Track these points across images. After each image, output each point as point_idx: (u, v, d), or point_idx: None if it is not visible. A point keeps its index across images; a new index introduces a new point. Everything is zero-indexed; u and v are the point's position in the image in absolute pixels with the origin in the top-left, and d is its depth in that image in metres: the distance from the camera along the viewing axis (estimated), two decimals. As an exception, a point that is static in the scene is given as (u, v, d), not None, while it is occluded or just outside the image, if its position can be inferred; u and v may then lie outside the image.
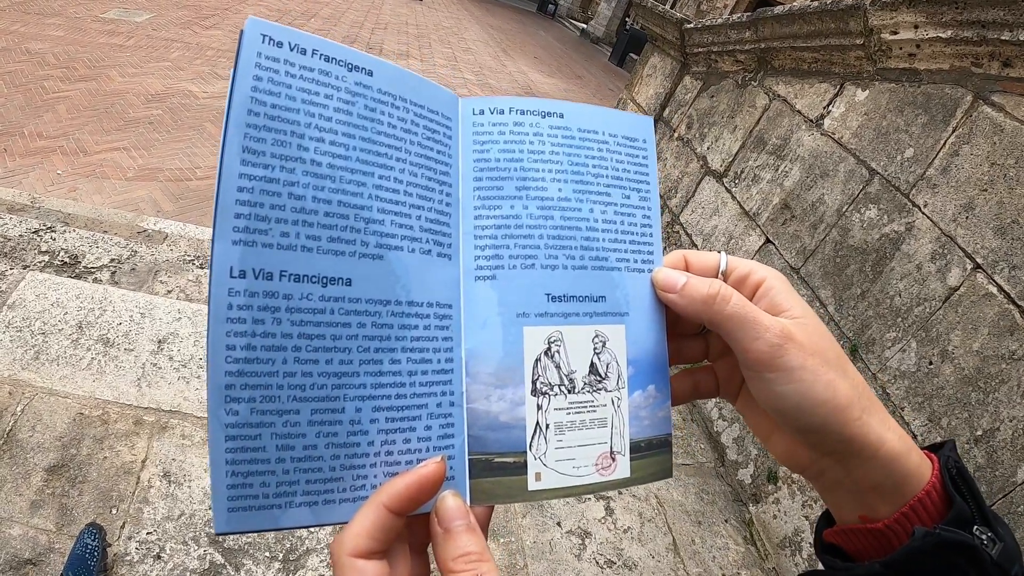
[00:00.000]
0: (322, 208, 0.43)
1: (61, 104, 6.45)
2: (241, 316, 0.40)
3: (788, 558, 2.95)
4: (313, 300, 0.43)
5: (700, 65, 4.61)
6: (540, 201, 0.54)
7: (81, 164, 5.46)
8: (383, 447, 0.46)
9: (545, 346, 0.53)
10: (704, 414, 3.80)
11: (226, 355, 0.40)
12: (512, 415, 0.52)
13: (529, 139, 0.55)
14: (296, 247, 0.42)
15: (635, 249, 0.58)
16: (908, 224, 2.71)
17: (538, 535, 2.86)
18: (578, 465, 0.54)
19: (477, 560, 0.43)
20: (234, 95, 0.41)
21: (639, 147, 0.60)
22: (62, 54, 7.66)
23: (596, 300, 0.56)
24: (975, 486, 0.50)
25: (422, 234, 0.49)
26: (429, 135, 0.51)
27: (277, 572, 2.35)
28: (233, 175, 0.40)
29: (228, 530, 0.41)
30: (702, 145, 4.39)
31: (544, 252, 0.54)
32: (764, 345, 0.49)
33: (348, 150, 0.45)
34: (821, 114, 3.36)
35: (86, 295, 3.17)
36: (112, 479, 2.46)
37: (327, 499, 0.44)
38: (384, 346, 0.46)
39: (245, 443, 0.41)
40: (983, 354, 2.29)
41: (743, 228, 3.77)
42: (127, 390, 2.80)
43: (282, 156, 0.42)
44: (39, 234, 3.50)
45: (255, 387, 0.41)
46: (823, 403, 0.49)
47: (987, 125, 2.46)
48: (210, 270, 0.40)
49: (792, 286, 0.55)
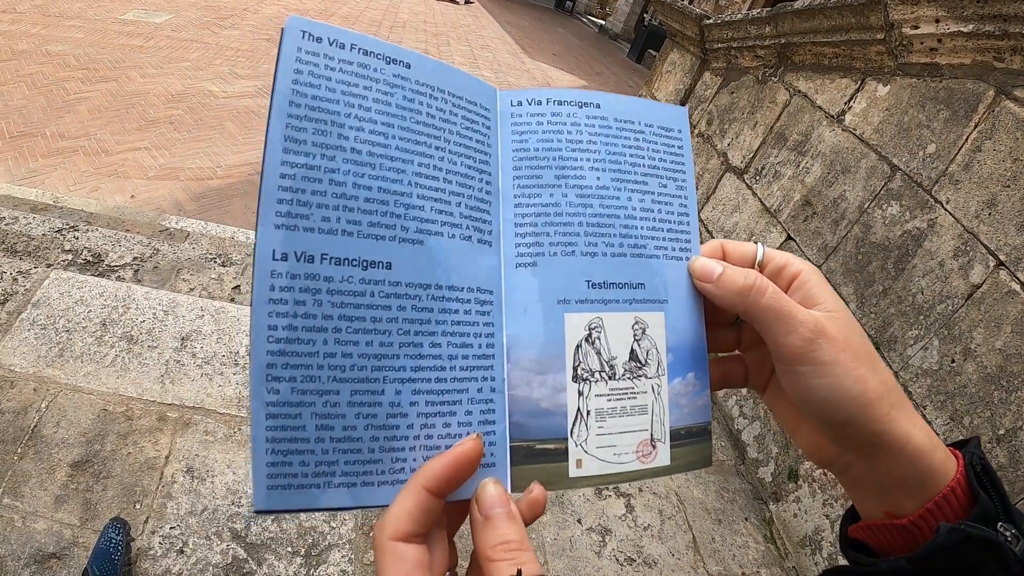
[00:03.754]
0: (362, 194, 0.45)
1: (82, 105, 6.52)
2: (283, 297, 0.42)
3: (808, 557, 2.94)
4: (353, 283, 0.44)
5: (720, 61, 4.59)
6: (579, 189, 0.55)
7: (103, 164, 5.52)
8: (422, 431, 0.46)
9: (586, 332, 0.53)
10: (725, 411, 3.79)
11: (268, 335, 0.41)
12: (553, 401, 0.52)
13: (567, 129, 0.56)
14: (337, 231, 0.44)
15: (672, 237, 0.58)
16: (930, 221, 2.69)
17: (559, 532, 2.86)
18: (619, 452, 0.54)
19: (516, 549, 0.43)
20: (276, 88, 0.43)
21: (674, 137, 0.61)
22: (83, 55, 7.74)
23: (635, 287, 0.56)
24: (1000, 483, 0.50)
25: (462, 220, 0.50)
26: (468, 124, 0.52)
27: (299, 567, 2.36)
28: (276, 163, 0.42)
29: (267, 508, 0.42)
30: (722, 141, 4.38)
31: (584, 239, 0.54)
32: (797, 339, 0.50)
33: (388, 139, 0.46)
34: (842, 109, 3.34)
35: (109, 293, 3.21)
36: (136, 474, 2.49)
37: (366, 481, 0.44)
38: (424, 329, 0.47)
39: (285, 422, 0.42)
40: (1006, 352, 2.27)
41: (764, 225, 3.75)
42: (151, 387, 2.84)
43: (323, 144, 0.44)
44: (62, 233, 3.54)
45: (296, 367, 0.42)
46: (853, 398, 0.49)
47: (1009, 120, 2.43)
48: (254, 254, 0.41)
49: (824, 279, 0.55)
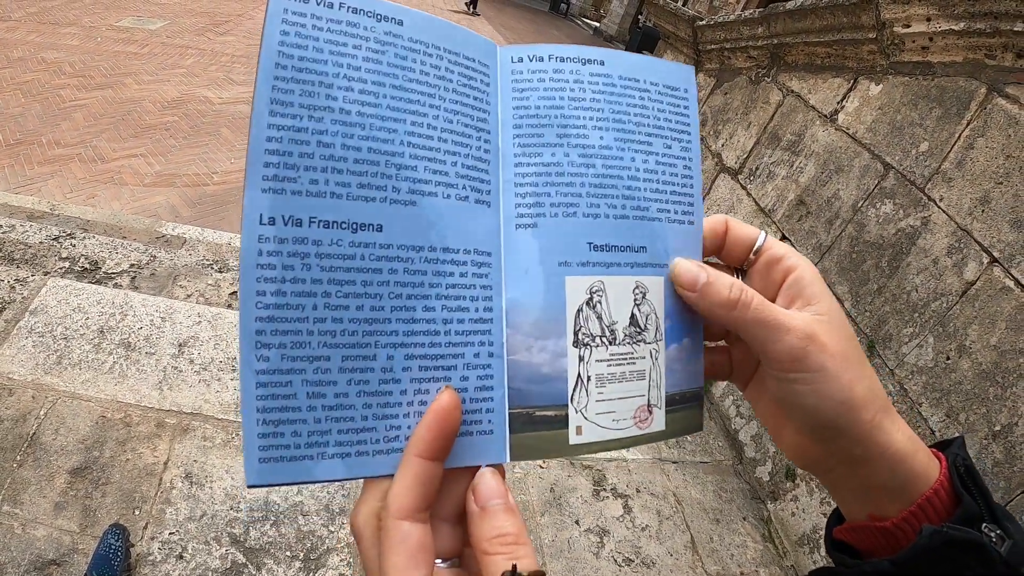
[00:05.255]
0: (351, 155, 0.44)
1: (78, 112, 6.52)
2: (271, 262, 0.41)
3: (806, 556, 2.94)
4: (343, 246, 0.43)
5: (713, 62, 4.60)
6: (582, 149, 0.53)
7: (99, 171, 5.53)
8: (416, 396, 0.45)
9: (587, 296, 0.52)
10: (722, 411, 3.79)
11: (256, 301, 0.41)
12: (554, 367, 0.51)
13: (570, 86, 0.54)
14: (325, 194, 0.43)
15: (676, 200, 0.56)
16: (924, 218, 2.70)
17: (556, 533, 2.87)
18: (617, 418, 0.53)
19: (513, 543, 0.41)
20: (263, 50, 0.42)
21: (680, 96, 0.59)
22: (78, 63, 7.74)
23: (637, 251, 0.54)
24: (983, 483, 0.49)
25: (458, 180, 0.48)
26: (465, 82, 0.50)
27: (298, 571, 2.37)
28: (262, 126, 0.41)
29: (260, 482, 0.41)
30: (716, 142, 4.38)
31: (586, 200, 0.52)
32: (786, 347, 0.49)
33: (378, 98, 0.45)
34: (835, 109, 3.35)
35: (107, 300, 3.21)
36: (135, 481, 2.49)
37: (360, 450, 0.43)
38: (417, 292, 0.45)
39: (276, 390, 0.41)
40: (1001, 348, 2.28)
41: (759, 224, 3.74)
42: (149, 393, 2.84)
43: (310, 106, 0.43)
44: (59, 241, 3.54)
45: (285, 333, 0.41)
46: (839, 404, 0.48)
47: (1002, 117, 2.44)
48: (243, 219, 0.41)
49: (820, 277, 0.54)
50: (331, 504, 2.63)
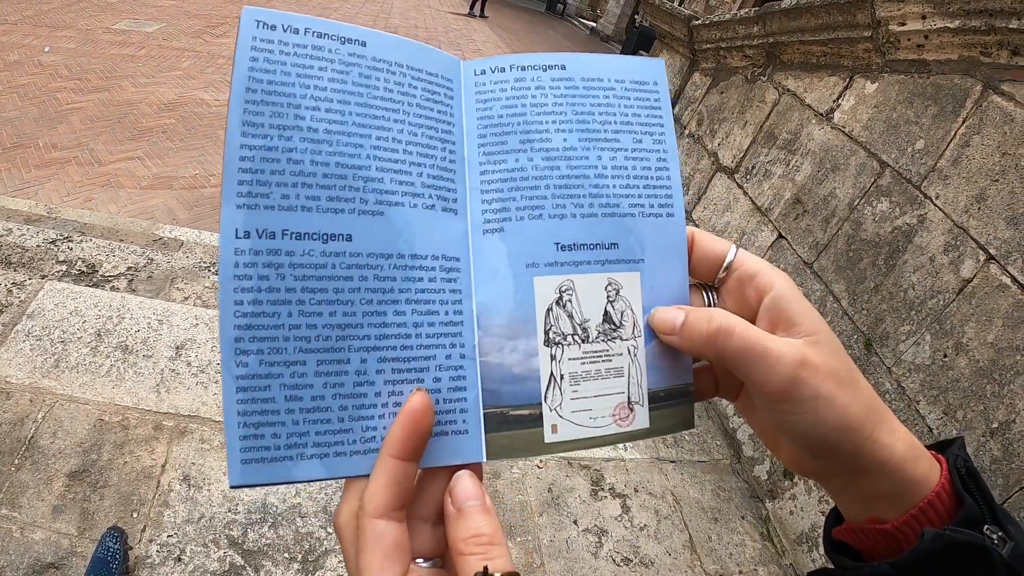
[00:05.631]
0: (320, 170, 0.46)
1: (75, 115, 6.50)
2: (247, 273, 0.43)
3: (805, 554, 2.95)
4: (314, 256, 0.45)
5: (709, 61, 4.60)
6: (545, 152, 0.54)
7: (96, 174, 5.51)
8: (390, 398, 0.47)
9: (556, 295, 0.53)
10: (720, 411, 3.79)
11: (235, 310, 0.43)
12: (525, 367, 0.52)
13: (531, 93, 0.55)
14: (296, 207, 0.45)
15: (650, 194, 0.56)
16: (920, 216, 2.70)
17: (555, 533, 2.87)
18: (595, 416, 0.54)
19: (488, 543, 0.42)
20: (234, 76, 0.45)
21: (650, 90, 0.59)
22: (74, 66, 7.72)
23: (608, 247, 0.55)
24: (985, 485, 0.49)
25: (425, 190, 0.50)
26: (429, 96, 0.52)
27: (296, 573, 2.37)
28: (235, 146, 0.44)
29: (242, 483, 0.43)
30: (712, 141, 4.39)
31: (551, 202, 0.53)
32: (777, 378, 0.47)
33: (344, 115, 0.47)
34: (831, 107, 3.35)
35: (104, 303, 3.21)
36: (132, 483, 2.49)
37: (338, 451, 0.45)
38: (387, 298, 0.47)
39: (255, 394, 0.43)
40: (998, 346, 2.28)
41: (755, 224, 3.77)
42: (146, 396, 2.84)
43: (280, 126, 0.45)
44: (56, 244, 3.54)
45: (263, 339, 0.43)
46: (836, 428, 0.47)
47: (997, 115, 2.44)
48: (220, 233, 0.43)
49: (800, 292, 0.52)
50: (329, 505, 2.63)
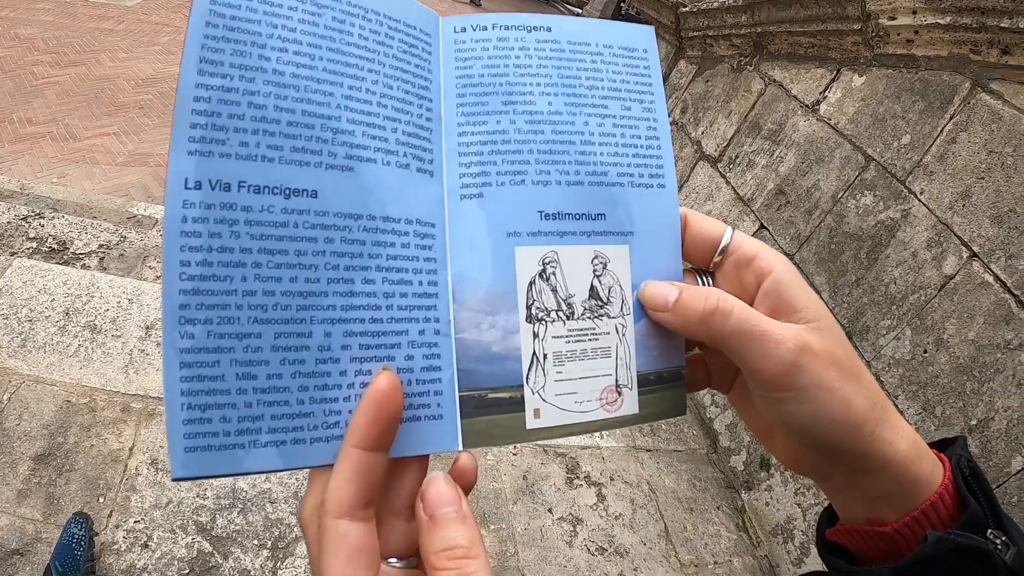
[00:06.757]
0: (285, 117, 0.41)
1: (51, 89, 6.37)
2: (196, 230, 0.38)
3: (780, 545, 2.95)
4: (275, 212, 0.40)
5: (695, 49, 4.58)
6: (528, 116, 0.50)
7: (71, 150, 5.40)
8: (357, 378, 0.42)
9: (539, 268, 0.49)
10: (696, 400, 3.79)
11: (180, 272, 0.37)
12: (505, 344, 0.48)
13: (515, 53, 0.52)
14: (256, 157, 0.40)
15: (640, 163, 0.53)
16: (904, 211, 2.69)
17: (529, 521, 2.85)
18: (580, 400, 0.49)
19: (463, 556, 0.37)
20: (193, 9, 0.40)
21: (639, 57, 0.56)
22: (52, 39, 7.56)
23: (595, 218, 0.51)
24: (989, 487, 0.47)
25: (399, 147, 0.46)
26: (406, 48, 0.48)
27: (266, 560, 2.33)
28: (190, 85, 0.39)
29: (186, 475, 0.37)
30: (696, 130, 4.37)
31: (535, 168, 0.50)
32: (776, 363, 0.43)
33: (314, 60, 0.43)
34: (817, 99, 3.33)
35: (73, 281, 3.14)
36: (99, 467, 2.44)
37: (297, 438, 0.40)
38: (356, 263, 0.42)
39: (202, 371, 0.38)
40: (978, 343, 2.28)
41: (737, 213, 3.75)
42: (114, 377, 2.78)
43: (241, 66, 0.41)
44: (27, 221, 3.46)
45: (212, 307, 0.38)
46: (837, 422, 0.44)
47: (985, 113, 2.43)
48: (166, 183, 0.38)
49: (801, 277, 0.48)
50: (300, 491, 2.59)
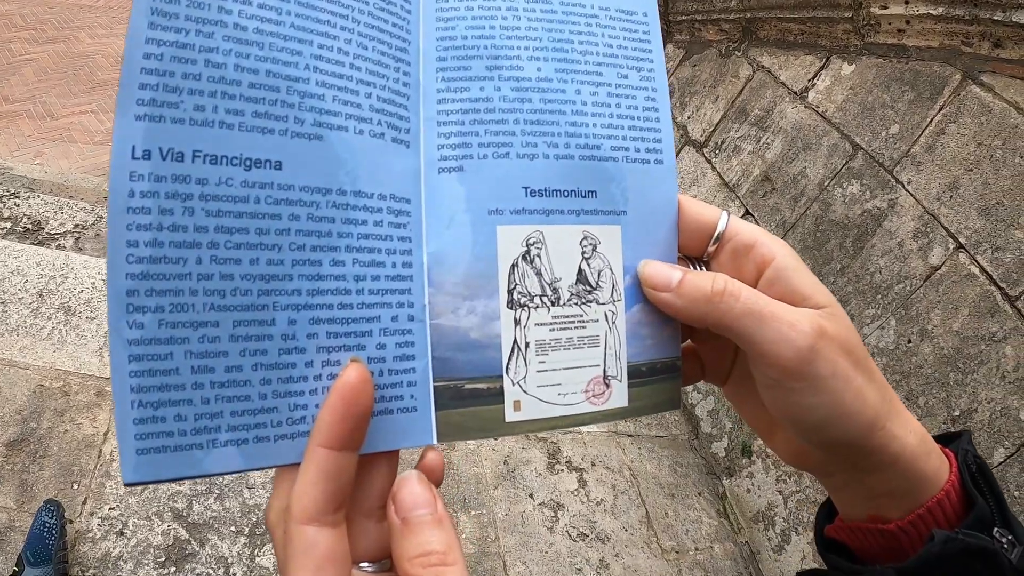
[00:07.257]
0: (247, 78, 0.36)
1: (28, 67, 6.26)
2: (145, 205, 0.33)
3: (761, 532, 2.96)
4: (234, 186, 0.35)
5: (683, 34, 4.54)
6: (515, 82, 0.46)
7: (48, 128, 5.32)
8: (324, 369, 0.38)
9: (523, 249, 0.45)
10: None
11: (127, 253, 0.33)
12: (484, 332, 0.44)
13: (502, 14, 0.46)
14: (213, 123, 0.35)
15: (636, 136, 0.48)
16: (891, 201, 2.68)
17: (510, 507, 2.84)
18: (564, 392, 0.46)
19: (439, 563, 0.34)
20: None
21: (638, 21, 0.50)
22: (29, 15, 7.43)
23: (585, 195, 0.46)
24: (996, 484, 0.44)
25: (373, 114, 0.41)
26: (383, 6, 0.43)
27: (243, 547, 2.31)
28: (139, 40, 0.34)
29: (138, 479, 0.33)
30: (683, 114, 4.34)
31: (521, 139, 0.45)
32: (791, 349, 0.40)
33: (280, 14, 0.38)
34: (806, 87, 3.31)
35: (47, 262, 3.07)
36: (73, 453, 2.39)
37: (259, 435, 0.36)
38: (323, 243, 0.38)
39: (154, 364, 0.34)
40: (963, 334, 2.28)
41: (722, 199, 3.73)
42: (89, 360, 2.73)
43: (198, 19, 0.35)
44: (2, 200, 3.38)
45: (163, 293, 0.34)
46: (850, 416, 0.41)
47: (975, 105, 2.42)
48: (112, 153, 0.34)
49: (804, 263, 0.45)
50: (280, 479, 2.56)
